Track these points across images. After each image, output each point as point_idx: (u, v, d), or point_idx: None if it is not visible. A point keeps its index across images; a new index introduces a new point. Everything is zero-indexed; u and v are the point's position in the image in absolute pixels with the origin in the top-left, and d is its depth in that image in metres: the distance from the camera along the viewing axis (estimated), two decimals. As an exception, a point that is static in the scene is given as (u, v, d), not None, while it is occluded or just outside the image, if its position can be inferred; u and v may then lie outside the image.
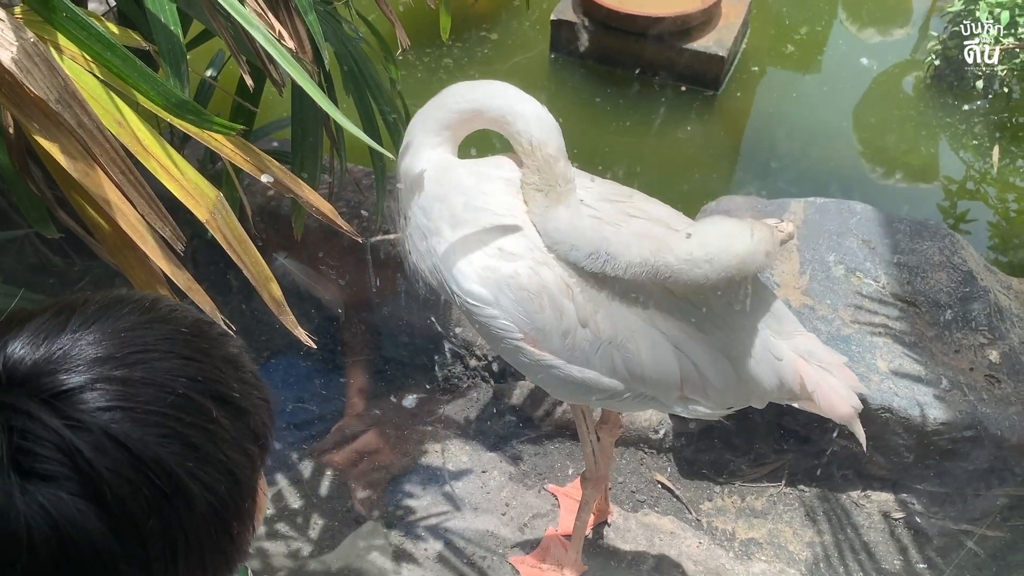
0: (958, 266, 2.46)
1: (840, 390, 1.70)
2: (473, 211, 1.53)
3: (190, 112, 1.13)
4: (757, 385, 1.63)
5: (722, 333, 1.58)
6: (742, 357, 1.60)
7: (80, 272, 2.62)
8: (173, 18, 1.26)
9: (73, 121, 1.13)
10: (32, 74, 1.10)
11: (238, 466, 0.65)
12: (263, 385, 0.71)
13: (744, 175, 3.56)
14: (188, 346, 0.64)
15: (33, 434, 0.56)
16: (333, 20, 1.88)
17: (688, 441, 2.42)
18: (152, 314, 0.66)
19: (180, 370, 0.62)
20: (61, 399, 0.58)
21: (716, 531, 2.32)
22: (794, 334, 1.72)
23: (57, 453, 0.56)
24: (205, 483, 0.61)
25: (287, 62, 1.08)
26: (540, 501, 2.31)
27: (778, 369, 1.65)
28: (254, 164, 1.32)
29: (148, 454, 0.58)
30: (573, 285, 1.50)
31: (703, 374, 1.58)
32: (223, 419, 0.64)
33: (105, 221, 1.24)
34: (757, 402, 1.71)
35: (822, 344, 1.75)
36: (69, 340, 0.61)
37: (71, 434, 0.57)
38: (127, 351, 0.61)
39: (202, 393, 0.63)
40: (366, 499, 2.29)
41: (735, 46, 3.74)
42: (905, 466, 2.31)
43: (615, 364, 1.54)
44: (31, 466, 0.56)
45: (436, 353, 2.62)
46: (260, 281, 1.35)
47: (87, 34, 1.08)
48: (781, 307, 1.73)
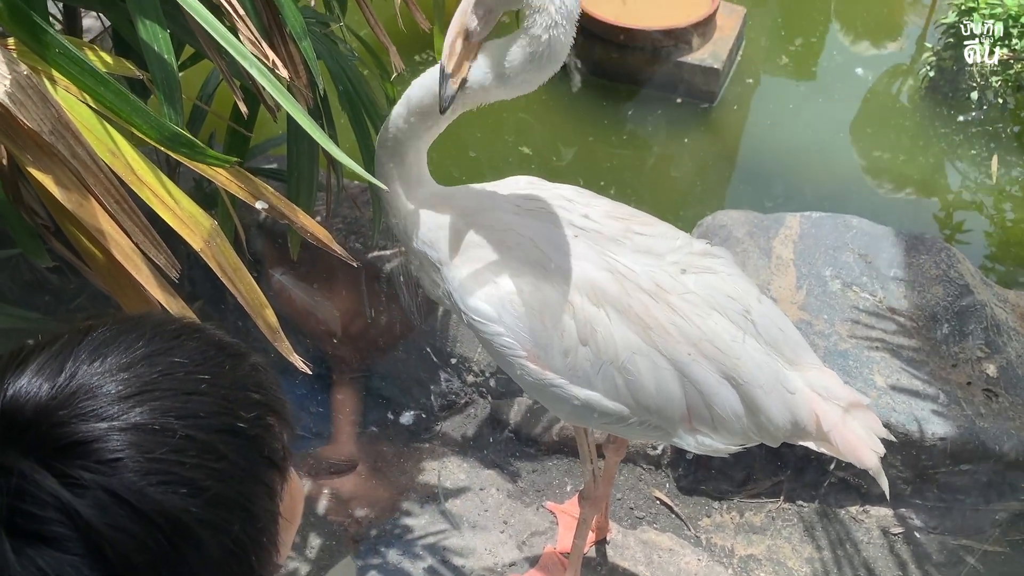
0: (954, 280, 2.46)
1: (861, 433, 1.60)
2: (478, 230, 1.54)
3: (184, 145, 1.13)
4: (767, 418, 1.55)
5: (728, 358, 1.51)
6: (750, 385, 1.52)
7: (75, 290, 2.62)
8: (167, 47, 1.26)
9: (67, 152, 1.13)
10: (25, 107, 1.09)
11: (252, 498, 0.63)
12: (278, 401, 0.68)
13: (740, 188, 3.56)
14: (190, 381, 0.62)
15: (31, 495, 0.55)
16: (329, 41, 1.88)
17: (686, 457, 2.41)
18: (152, 345, 0.63)
19: (182, 408, 0.60)
20: (58, 456, 0.57)
21: (715, 547, 2.31)
22: (810, 367, 1.63)
23: (56, 513, 0.55)
24: (215, 525, 0.60)
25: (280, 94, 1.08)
26: (538, 518, 2.31)
27: (790, 403, 1.56)
28: (248, 191, 1.31)
29: (150, 506, 0.57)
30: (575, 302, 1.49)
31: (709, 403, 1.52)
32: (232, 454, 0.62)
33: (99, 250, 1.23)
34: (769, 439, 1.61)
35: (842, 382, 1.66)
36: (67, 381, 0.59)
37: (68, 494, 0.55)
38: (126, 393, 0.60)
39: (207, 430, 0.61)
40: (364, 518, 2.29)
41: (730, 58, 3.74)
42: (904, 481, 2.31)
43: (617, 386, 1.52)
44: (31, 528, 0.55)
45: (433, 369, 2.62)
46: (255, 308, 1.34)
47: (80, 69, 1.08)
48: (797, 336, 1.65)
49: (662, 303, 1.50)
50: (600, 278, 1.50)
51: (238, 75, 1.48)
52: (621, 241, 1.55)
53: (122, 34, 1.77)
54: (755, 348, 1.55)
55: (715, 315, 1.53)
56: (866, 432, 1.60)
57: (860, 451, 1.59)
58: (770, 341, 1.58)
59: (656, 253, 1.55)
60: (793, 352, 1.61)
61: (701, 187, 3.55)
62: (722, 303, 1.55)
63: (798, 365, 1.61)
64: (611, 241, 1.54)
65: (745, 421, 1.55)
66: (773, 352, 1.58)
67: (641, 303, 1.49)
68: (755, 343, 1.55)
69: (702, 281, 1.55)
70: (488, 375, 2.58)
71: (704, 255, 1.60)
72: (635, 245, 1.55)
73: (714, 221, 2.74)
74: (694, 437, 1.58)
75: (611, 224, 1.56)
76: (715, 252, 1.64)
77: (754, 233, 2.62)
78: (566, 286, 1.50)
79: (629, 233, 1.56)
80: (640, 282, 1.50)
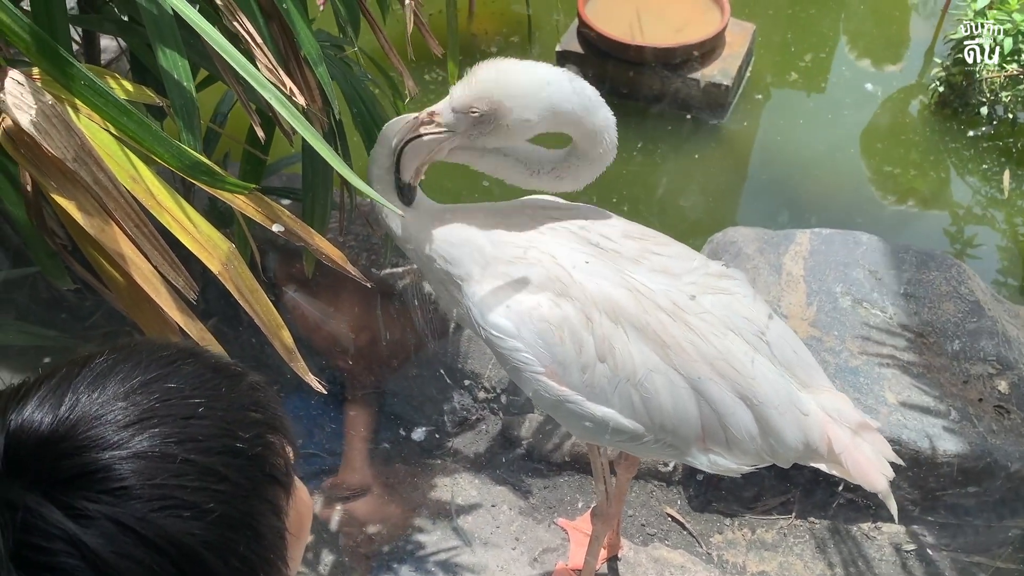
0: (965, 296, 2.47)
1: (871, 456, 1.61)
2: (499, 247, 1.56)
3: (204, 172, 1.16)
4: (780, 439, 1.56)
5: (743, 378, 1.53)
6: (765, 406, 1.53)
7: (92, 308, 2.65)
8: (186, 74, 1.28)
9: (89, 178, 1.16)
10: (50, 135, 1.12)
11: (256, 516, 0.64)
12: (277, 418, 0.70)
13: (750, 204, 3.57)
14: (187, 406, 0.64)
15: (38, 529, 0.57)
16: (343, 64, 1.91)
17: (697, 475, 2.42)
18: (149, 372, 0.65)
19: (181, 433, 0.62)
20: (62, 488, 0.58)
21: (727, 564, 2.31)
22: (822, 390, 1.64)
23: (64, 545, 0.56)
24: (221, 546, 0.61)
25: (297, 121, 1.10)
26: (550, 535, 2.31)
27: (804, 425, 1.57)
28: (265, 214, 1.34)
29: (155, 532, 0.58)
30: (594, 318, 1.50)
31: (724, 423, 1.53)
32: (233, 475, 0.63)
33: (119, 274, 1.26)
34: (781, 460, 1.63)
35: (852, 405, 1.66)
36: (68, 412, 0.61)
37: (75, 526, 0.57)
38: (126, 421, 0.61)
39: (206, 453, 0.62)
40: (376, 534, 2.30)
41: (740, 74, 3.76)
42: (916, 498, 2.31)
43: (634, 404, 1.53)
44: (39, 560, 0.56)
45: (445, 386, 2.63)
46: (271, 329, 1.36)
47: (104, 100, 1.10)
48: (810, 359, 1.66)
49: (679, 322, 1.51)
50: (618, 295, 1.51)
51: (254, 99, 1.51)
52: (639, 261, 1.56)
53: (139, 57, 1.80)
54: (770, 369, 1.56)
55: (731, 335, 1.54)
56: (876, 455, 1.61)
57: (870, 474, 1.59)
58: (784, 362, 1.59)
59: (673, 273, 1.57)
60: (806, 374, 1.62)
61: (712, 203, 3.57)
62: (738, 324, 1.56)
63: (811, 387, 1.62)
64: (629, 261, 1.56)
65: (759, 442, 1.55)
66: (787, 373, 1.59)
67: (659, 321, 1.50)
68: (769, 364, 1.56)
69: (718, 302, 1.56)
70: (499, 392, 2.59)
71: (720, 277, 1.61)
72: (652, 265, 1.56)
73: (724, 238, 2.76)
74: (707, 456, 1.59)
75: (628, 244, 1.58)
76: (731, 274, 1.65)
77: (764, 250, 2.64)
78: (586, 302, 1.51)
79: (646, 253, 1.58)
80: (658, 300, 1.51)
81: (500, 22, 4.16)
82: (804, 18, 4.37)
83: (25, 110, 1.10)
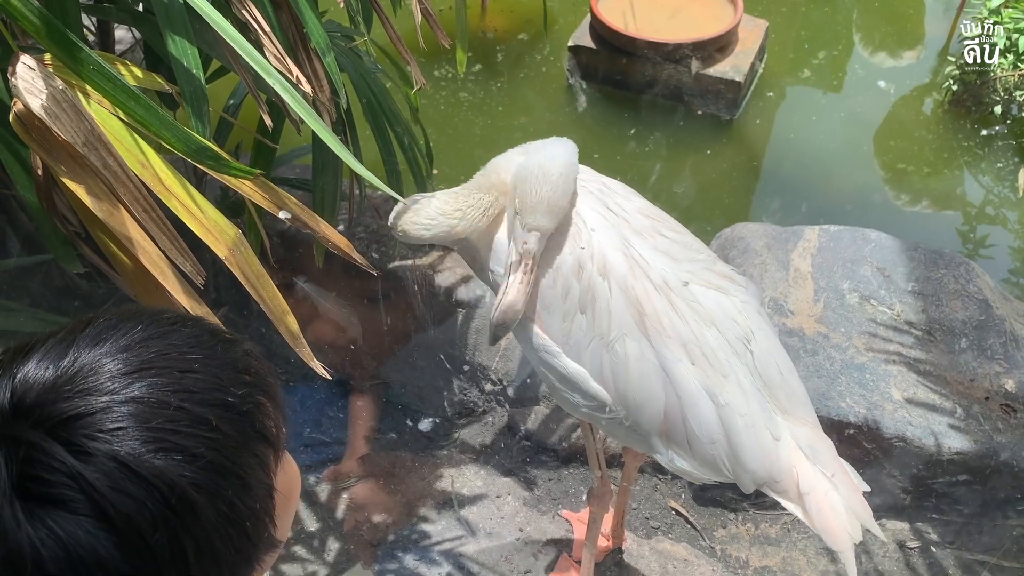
0: (973, 295, 2.46)
1: (840, 510, 1.47)
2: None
3: (210, 157, 1.17)
4: (740, 454, 1.46)
5: (714, 372, 1.46)
6: (730, 410, 1.45)
7: (104, 296, 2.68)
8: (195, 62, 1.30)
9: (99, 163, 1.18)
10: (60, 120, 1.14)
11: (245, 468, 0.68)
12: (268, 384, 0.73)
13: (761, 201, 3.57)
14: (184, 360, 0.68)
15: (41, 463, 0.61)
16: (353, 55, 1.92)
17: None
18: (149, 330, 0.69)
19: (176, 384, 0.66)
20: (64, 427, 0.62)
21: (730, 559, 2.32)
22: (802, 423, 1.53)
23: (65, 478, 0.61)
24: (209, 490, 0.65)
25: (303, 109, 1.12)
26: (554, 526, 2.33)
27: (769, 447, 1.46)
28: (272, 201, 1.35)
29: (149, 471, 0.62)
30: (585, 268, 1.49)
31: (685, 414, 1.47)
32: (224, 426, 0.67)
33: (128, 257, 1.28)
34: (742, 481, 1.51)
35: (835, 452, 1.53)
36: (70, 364, 0.65)
37: (75, 460, 0.61)
38: (125, 371, 0.65)
39: (200, 404, 0.66)
40: (381, 523, 2.32)
41: (752, 71, 3.76)
42: (920, 495, 2.31)
43: (603, 367, 1.50)
44: (41, 491, 0.60)
45: (452, 377, 2.65)
46: (277, 315, 1.38)
47: (113, 85, 1.12)
48: (799, 388, 1.55)
49: (664, 296, 1.49)
50: (613, 257, 1.50)
51: (264, 89, 1.52)
52: (644, 236, 1.55)
53: (153, 47, 1.82)
54: (746, 377, 1.49)
55: (713, 330, 1.49)
56: (847, 512, 1.47)
57: (833, 528, 1.46)
58: (766, 379, 1.51)
59: (674, 257, 1.55)
60: (789, 400, 1.52)
61: (721, 199, 3.57)
62: (724, 323, 1.50)
63: (791, 416, 1.53)
64: (634, 233, 1.55)
65: (720, 448, 1.47)
66: (765, 391, 1.51)
67: (644, 288, 1.48)
68: (747, 373, 1.49)
69: (710, 296, 1.51)
70: (506, 384, 2.61)
71: (722, 276, 1.57)
72: (656, 244, 1.55)
73: (733, 233, 2.76)
74: (668, 452, 1.52)
75: (640, 219, 1.57)
76: (736, 279, 1.60)
77: (772, 246, 2.64)
78: (583, 254, 1.50)
79: (654, 233, 1.56)
80: (649, 272, 1.50)
81: (510, 19, 4.17)
82: (817, 15, 4.36)
83: (36, 95, 1.12)
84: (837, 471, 1.50)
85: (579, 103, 3.85)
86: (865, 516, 1.49)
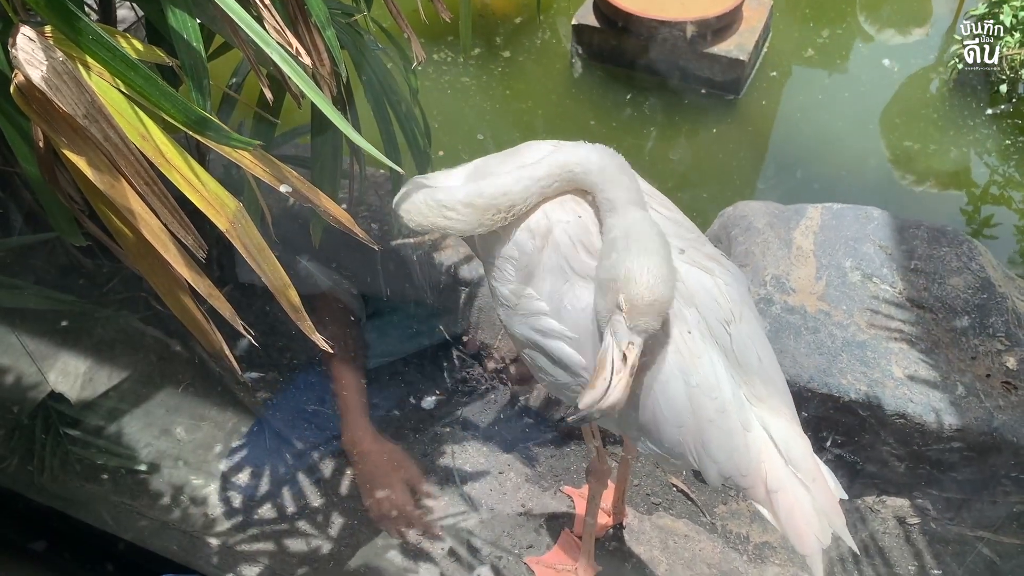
0: (976, 272, 2.46)
1: (810, 513, 1.38)
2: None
3: (210, 129, 1.18)
4: (706, 440, 1.38)
5: (686, 349, 1.38)
6: (700, 391, 1.38)
7: (109, 274, 2.69)
8: (196, 35, 1.30)
9: (100, 135, 1.18)
10: (61, 91, 1.15)
11: None
12: None
13: (765, 179, 3.57)
14: None
15: None
16: (353, 32, 1.92)
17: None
18: None
19: None
20: None
21: (730, 534, 2.34)
22: (778, 414, 1.43)
23: None
24: None
25: (304, 82, 1.12)
26: (556, 502, 2.34)
27: (737, 439, 1.38)
28: (272, 175, 1.36)
29: None
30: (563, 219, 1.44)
31: (653, 387, 1.38)
32: None
33: (129, 230, 1.28)
34: (707, 474, 1.42)
35: (811, 451, 1.43)
36: None
37: None
38: None
39: None
40: (384, 498, 2.34)
41: (756, 50, 3.74)
42: (920, 472, 2.32)
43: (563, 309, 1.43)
44: None
45: (455, 355, 2.66)
46: (278, 288, 1.39)
47: (112, 55, 1.13)
48: (778, 377, 1.46)
49: None
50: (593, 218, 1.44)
51: (264, 63, 1.53)
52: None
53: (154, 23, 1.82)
54: (720, 359, 1.41)
55: (692, 309, 1.41)
56: (817, 515, 1.39)
57: (801, 530, 1.38)
58: (743, 364, 1.42)
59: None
60: (766, 388, 1.43)
61: (725, 178, 3.56)
62: (704, 302, 1.42)
63: (766, 405, 1.43)
64: None
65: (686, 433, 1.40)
66: (740, 375, 1.42)
67: None
68: (723, 356, 1.41)
69: (693, 274, 1.43)
70: (508, 362, 2.62)
71: (709, 257, 1.48)
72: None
73: (735, 211, 2.76)
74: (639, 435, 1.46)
75: None
76: (723, 261, 1.50)
77: (774, 224, 2.63)
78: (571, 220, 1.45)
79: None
80: None
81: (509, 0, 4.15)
82: (823, -6, 4.34)
83: (36, 66, 1.12)
84: (809, 470, 1.41)
85: (582, 83, 3.84)
86: (837, 521, 1.40)
